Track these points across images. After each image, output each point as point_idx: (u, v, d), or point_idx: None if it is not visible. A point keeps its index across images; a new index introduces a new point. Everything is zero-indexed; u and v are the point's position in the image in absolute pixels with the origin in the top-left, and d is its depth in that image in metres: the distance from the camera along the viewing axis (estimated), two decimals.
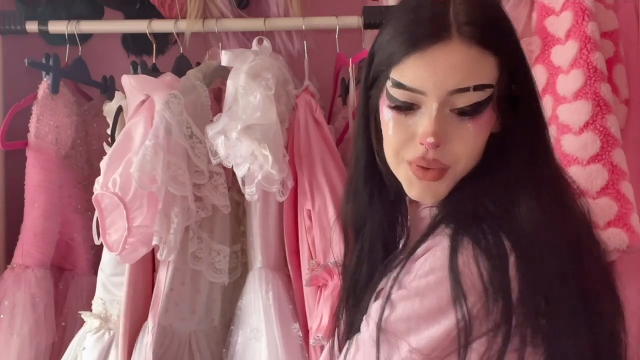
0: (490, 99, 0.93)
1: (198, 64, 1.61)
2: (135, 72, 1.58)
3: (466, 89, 0.92)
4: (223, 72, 1.49)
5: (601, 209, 1.22)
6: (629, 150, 1.30)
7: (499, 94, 0.94)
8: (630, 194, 1.25)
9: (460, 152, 0.94)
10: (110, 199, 1.34)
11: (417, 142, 0.94)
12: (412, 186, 0.97)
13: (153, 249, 1.40)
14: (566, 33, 1.32)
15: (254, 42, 1.48)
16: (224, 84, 1.48)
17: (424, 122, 0.93)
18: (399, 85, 0.94)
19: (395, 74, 0.95)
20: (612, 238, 1.21)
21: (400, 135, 0.96)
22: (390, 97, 0.96)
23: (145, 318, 1.41)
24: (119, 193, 1.34)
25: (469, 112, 0.93)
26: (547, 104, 1.32)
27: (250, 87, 1.37)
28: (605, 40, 1.34)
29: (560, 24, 1.33)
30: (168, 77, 1.49)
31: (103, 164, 1.39)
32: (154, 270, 1.46)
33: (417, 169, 0.95)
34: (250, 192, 1.36)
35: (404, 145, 0.96)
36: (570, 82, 1.29)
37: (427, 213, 1.02)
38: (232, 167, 1.37)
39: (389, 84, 0.95)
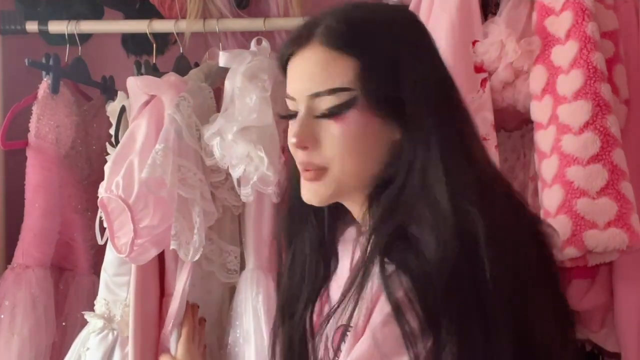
0: (353, 102, 0.95)
1: (196, 64, 1.61)
2: (139, 72, 1.57)
3: (320, 93, 0.96)
4: (225, 73, 1.49)
5: (601, 209, 1.22)
6: (629, 150, 1.30)
7: (376, 96, 0.95)
8: (630, 194, 1.24)
9: (330, 154, 0.97)
10: (115, 202, 1.34)
11: None
12: (302, 187, 1.02)
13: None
14: (566, 33, 1.31)
15: (253, 42, 1.48)
16: (224, 84, 1.48)
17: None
18: (286, 95, 1.02)
19: None
20: (612, 238, 1.20)
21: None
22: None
23: (155, 319, 1.42)
24: (122, 195, 1.34)
25: (327, 114, 0.96)
26: (547, 104, 1.32)
27: (246, 89, 1.37)
28: (605, 40, 1.34)
29: (560, 24, 1.33)
30: (172, 77, 1.48)
31: (107, 167, 1.39)
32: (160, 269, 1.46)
33: (302, 171, 1.01)
34: (245, 193, 1.37)
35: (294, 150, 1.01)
36: (570, 82, 1.29)
37: (351, 235, 1.04)
38: (227, 168, 1.37)
39: None
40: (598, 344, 1.39)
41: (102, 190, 1.37)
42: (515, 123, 1.44)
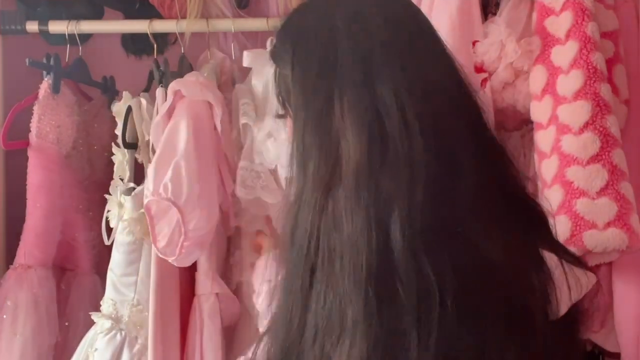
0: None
1: (190, 65, 1.61)
2: (158, 70, 1.57)
3: None
4: (231, 74, 1.51)
5: (601, 209, 1.22)
6: (629, 150, 1.30)
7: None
8: (630, 194, 1.25)
9: None
10: (159, 205, 1.35)
11: None
12: None
13: None
14: (566, 33, 1.31)
15: (268, 42, 1.49)
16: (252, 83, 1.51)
17: None
18: None
19: None
20: (612, 238, 1.20)
21: None
22: None
23: (175, 319, 1.44)
24: (172, 198, 1.34)
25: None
26: (547, 104, 1.32)
27: None
28: (605, 40, 1.34)
29: (560, 24, 1.33)
30: (193, 77, 1.49)
31: (150, 171, 1.39)
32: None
33: None
34: None
35: None
36: (570, 82, 1.29)
37: None
38: (276, 167, 1.41)
39: None
40: (598, 344, 1.40)
41: (147, 194, 1.37)
42: (515, 123, 1.44)
